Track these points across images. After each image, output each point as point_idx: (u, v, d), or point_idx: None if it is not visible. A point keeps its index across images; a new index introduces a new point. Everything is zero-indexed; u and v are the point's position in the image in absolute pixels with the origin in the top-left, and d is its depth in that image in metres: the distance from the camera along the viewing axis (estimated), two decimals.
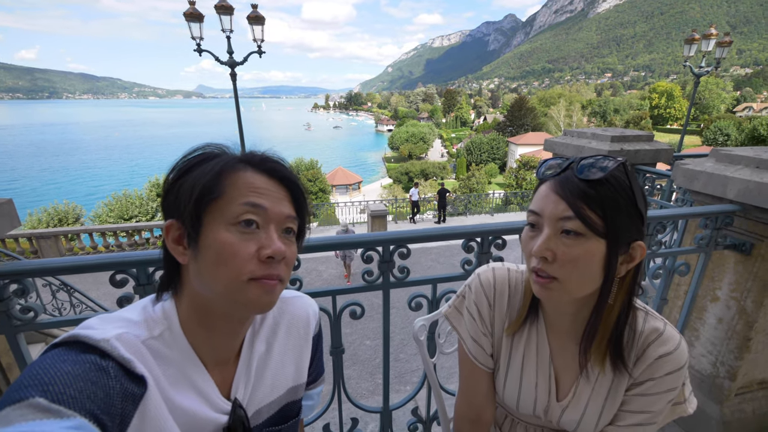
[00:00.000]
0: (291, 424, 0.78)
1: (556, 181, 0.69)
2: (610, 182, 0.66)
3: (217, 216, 0.59)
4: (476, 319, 0.90)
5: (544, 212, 0.69)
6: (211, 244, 0.58)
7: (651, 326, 0.77)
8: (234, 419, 0.66)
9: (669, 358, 0.75)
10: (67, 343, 0.53)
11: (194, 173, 0.60)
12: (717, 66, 11.90)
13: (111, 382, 0.51)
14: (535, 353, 0.87)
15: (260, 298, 0.60)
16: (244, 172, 0.62)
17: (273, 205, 0.62)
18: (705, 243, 1.71)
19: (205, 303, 0.62)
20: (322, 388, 0.90)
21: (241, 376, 0.69)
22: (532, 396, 0.87)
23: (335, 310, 1.33)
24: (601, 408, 0.82)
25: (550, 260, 0.68)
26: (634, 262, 0.71)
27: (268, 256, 0.60)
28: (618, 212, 0.66)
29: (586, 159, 0.69)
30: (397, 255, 1.30)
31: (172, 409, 0.59)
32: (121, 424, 0.51)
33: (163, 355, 0.60)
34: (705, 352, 2.02)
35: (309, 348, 0.81)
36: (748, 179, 1.59)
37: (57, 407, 0.44)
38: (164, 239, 0.62)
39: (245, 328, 0.70)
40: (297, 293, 0.84)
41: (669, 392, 0.76)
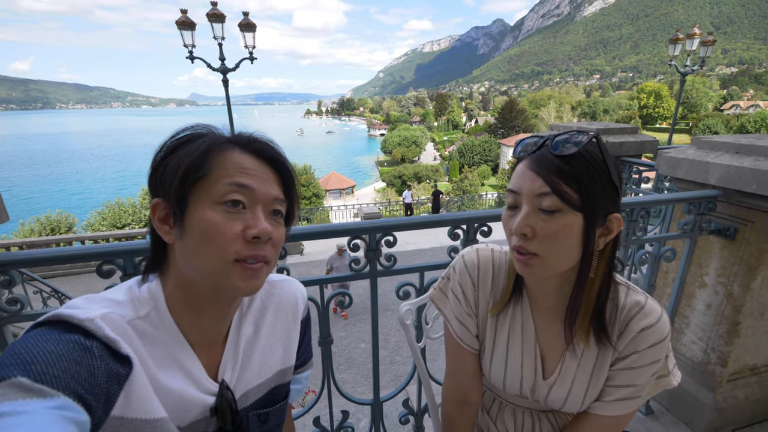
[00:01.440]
0: (279, 407, 0.77)
1: (532, 158, 0.70)
2: (584, 156, 0.67)
3: (203, 195, 0.58)
4: (461, 299, 0.90)
5: (522, 190, 0.70)
6: (197, 223, 0.58)
7: (633, 300, 0.78)
8: (221, 401, 0.65)
9: (651, 331, 0.76)
10: (50, 323, 0.52)
11: (181, 152, 0.59)
12: (702, 65, 12.13)
13: (95, 361, 0.50)
14: (520, 332, 0.87)
15: (245, 282, 0.60)
16: (232, 152, 0.61)
17: (260, 185, 0.61)
18: (690, 228, 1.73)
19: (191, 283, 0.61)
20: (310, 373, 0.90)
21: (229, 358, 0.68)
22: (518, 375, 0.88)
23: (323, 299, 1.33)
24: (587, 384, 0.82)
25: (530, 236, 0.69)
26: (612, 234, 0.72)
27: (253, 236, 0.59)
28: (593, 185, 0.67)
29: (560, 135, 0.70)
30: (383, 243, 1.30)
31: (158, 389, 0.58)
32: (106, 404, 0.51)
33: (149, 336, 0.59)
34: (695, 338, 2.04)
35: (297, 331, 0.81)
36: (728, 164, 1.62)
37: (40, 387, 0.43)
38: (150, 218, 0.62)
39: (232, 309, 0.69)
40: (285, 277, 0.83)
41: (653, 365, 0.77)
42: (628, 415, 0.83)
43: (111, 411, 0.52)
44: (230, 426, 0.67)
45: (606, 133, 3.07)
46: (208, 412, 0.65)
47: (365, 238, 1.28)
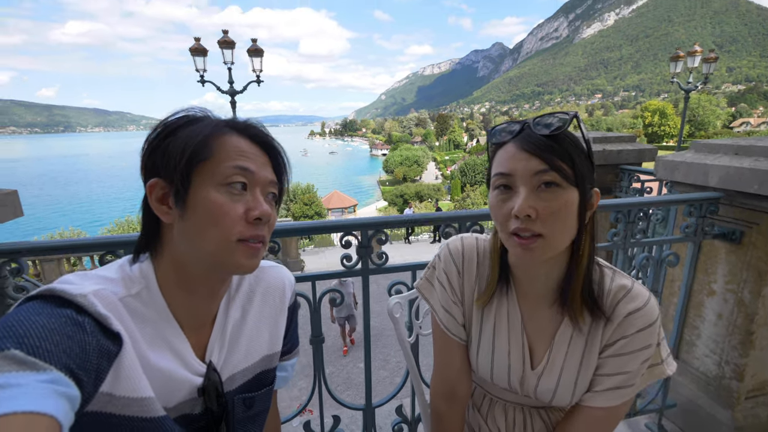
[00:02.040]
0: (264, 393, 0.77)
1: (521, 140, 0.70)
2: (567, 134, 0.69)
3: (206, 177, 0.60)
4: (446, 287, 0.89)
5: (516, 171, 0.69)
6: (201, 203, 0.59)
7: (618, 284, 0.77)
8: (208, 382, 0.66)
9: (639, 314, 0.74)
10: (42, 297, 0.51)
11: (182, 134, 0.61)
12: (706, 81, 12.25)
13: (87, 337, 0.50)
14: (506, 321, 0.85)
15: (245, 260, 0.62)
16: (230, 136, 0.63)
17: (258, 169, 0.64)
18: (692, 232, 1.69)
19: (186, 263, 0.62)
20: (296, 361, 0.90)
21: (216, 340, 0.69)
22: (505, 364, 0.85)
23: (315, 296, 1.31)
24: (576, 374, 0.79)
25: (533, 217, 0.67)
26: (593, 208, 0.73)
27: (255, 218, 0.62)
28: (581, 161, 0.69)
29: (541, 117, 0.71)
30: (375, 241, 1.28)
31: (146, 367, 0.58)
32: (95, 380, 0.51)
33: (139, 314, 0.60)
34: (708, 351, 1.96)
35: (284, 317, 0.81)
36: (728, 165, 1.60)
37: (33, 360, 0.43)
38: (146, 198, 0.62)
39: (223, 290, 0.70)
40: (273, 263, 0.84)
41: (643, 350, 0.75)
42: (620, 408, 0.79)
43: (100, 387, 0.52)
44: (216, 407, 0.68)
45: (603, 141, 3.07)
46: (195, 392, 0.65)
47: (357, 234, 1.27)
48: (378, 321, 6.25)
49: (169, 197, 0.61)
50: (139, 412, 0.56)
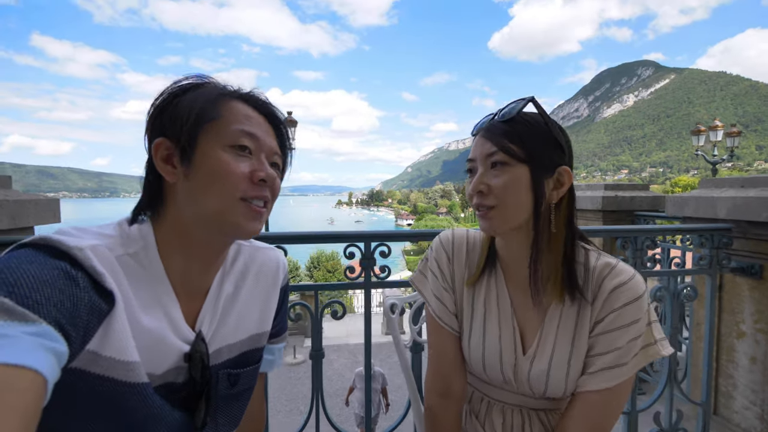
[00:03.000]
0: (249, 371, 0.75)
1: (483, 128, 0.80)
2: (525, 118, 0.77)
3: (212, 137, 0.61)
4: (437, 275, 0.92)
5: (476, 155, 0.79)
6: (207, 162, 0.60)
7: (603, 262, 0.80)
8: (195, 350, 0.64)
9: (624, 288, 0.75)
10: (37, 245, 0.50)
11: (190, 95, 0.62)
12: (732, 155, 12.19)
13: (79, 292, 0.48)
14: (496, 305, 0.87)
15: (248, 222, 0.63)
16: (237, 103, 0.65)
17: (264, 136, 0.66)
18: (707, 264, 1.65)
19: (188, 225, 0.62)
20: (283, 346, 0.89)
21: (207, 311, 0.68)
22: (497, 350, 0.84)
23: (317, 306, 1.32)
24: (568, 353, 0.79)
25: (486, 193, 0.76)
26: (564, 187, 0.77)
27: (260, 179, 0.63)
28: (535, 140, 0.76)
29: (504, 106, 0.80)
30: (378, 254, 1.34)
31: (136, 329, 0.56)
32: (83, 337, 0.49)
33: (135, 274, 0.58)
34: (747, 403, 1.77)
35: (276, 297, 0.81)
36: (734, 196, 1.61)
37: (22, 310, 0.42)
38: (151, 158, 0.62)
39: (220, 261, 0.70)
40: (268, 245, 0.85)
41: (632, 325, 0.74)
42: (617, 393, 0.76)
43: (87, 345, 0.50)
44: (199, 378, 0.65)
45: (616, 188, 3.09)
46: (181, 360, 0.63)
47: (360, 246, 1.33)
48: (399, 395, 5.82)
49: (174, 157, 0.61)
50: (122, 375, 0.54)
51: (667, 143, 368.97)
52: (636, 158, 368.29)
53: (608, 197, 2.97)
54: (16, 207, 1.43)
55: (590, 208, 3.16)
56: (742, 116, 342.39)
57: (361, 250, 1.33)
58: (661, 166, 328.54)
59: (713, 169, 12.30)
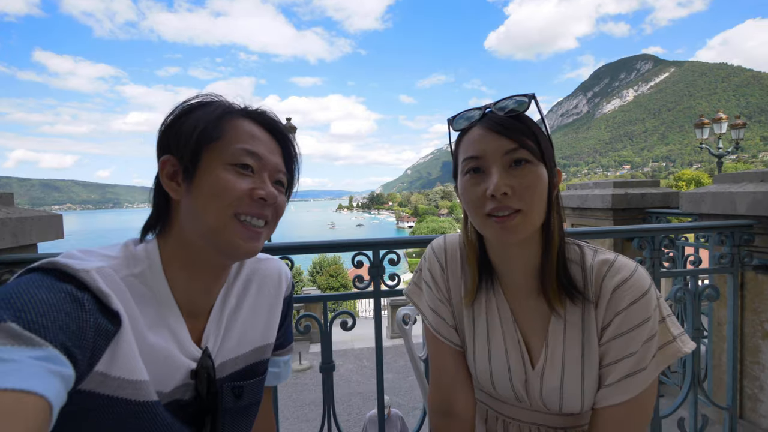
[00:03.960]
0: (254, 383, 0.74)
1: (486, 122, 0.71)
2: (526, 115, 0.72)
3: (215, 156, 0.61)
4: (432, 287, 0.86)
5: (487, 152, 0.69)
6: (208, 179, 0.60)
7: (600, 259, 0.74)
8: (201, 367, 0.64)
9: (627, 285, 0.69)
10: (44, 269, 0.51)
11: (196, 114, 0.63)
12: (737, 147, 12.06)
13: (85, 314, 0.49)
14: (498, 317, 0.80)
15: (243, 241, 0.62)
16: (243, 121, 0.65)
17: (268, 154, 0.65)
18: (728, 263, 1.59)
19: (190, 242, 0.63)
20: (289, 359, 0.87)
21: (212, 327, 0.68)
22: (504, 364, 0.78)
23: (326, 318, 1.28)
24: (580, 366, 0.72)
25: (509, 194, 0.68)
26: (557, 187, 0.74)
27: (260, 197, 0.62)
28: (543, 137, 0.71)
29: (500, 101, 0.73)
30: (387, 261, 1.29)
31: (143, 348, 0.57)
32: (91, 359, 0.49)
33: (140, 294, 0.59)
34: None
35: (280, 308, 0.80)
36: (754, 191, 1.55)
37: (29, 335, 0.42)
38: (158, 175, 0.64)
39: (222, 279, 0.70)
40: (270, 256, 0.85)
41: (643, 325, 0.68)
42: (642, 402, 0.70)
43: (95, 366, 0.50)
44: (205, 393, 0.65)
45: (624, 185, 3.02)
46: (188, 377, 0.63)
47: (368, 254, 1.28)
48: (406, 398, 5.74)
49: (179, 174, 0.62)
50: (132, 395, 0.54)
51: (669, 137, 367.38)
52: (638, 153, 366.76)
53: (618, 195, 2.90)
54: (18, 224, 1.40)
55: (600, 206, 3.08)
56: (745, 107, 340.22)
57: (369, 259, 1.28)
58: (663, 161, 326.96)
59: (719, 162, 12.17)
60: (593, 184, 3.27)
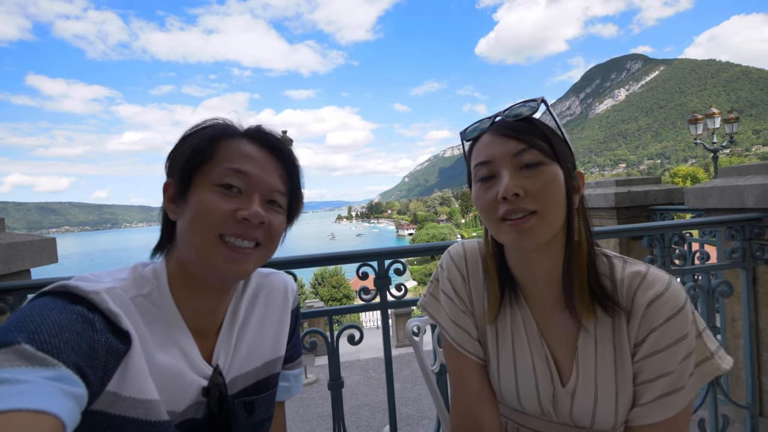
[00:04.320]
0: (265, 397, 0.74)
1: (495, 128, 0.70)
2: (538, 120, 0.70)
3: (205, 178, 0.62)
4: (453, 298, 0.81)
5: (496, 156, 0.67)
6: (195, 201, 0.61)
7: (631, 271, 0.70)
8: (212, 383, 0.64)
9: (662, 301, 0.65)
10: (56, 293, 0.52)
11: (193, 137, 0.65)
12: (732, 141, 12.13)
13: (96, 335, 0.50)
14: (524, 331, 0.76)
15: (228, 263, 0.60)
16: (239, 141, 0.65)
17: (260, 173, 0.63)
18: (740, 257, 1.55)
19: (187, 264, 0.63)
20: (300, 372, 0.86)
21: (222, 344, 0.68)
22: (532, 382, 0.74)
23: (332, 332, 1.23)
24: (614, 385, 0.68)
25: (522, 196, 0.65)
26: (581, 191, 0.71)
27: (243, 218, 0.60)
28: (556, 138, 0.69)
29: (510, 107, 0.71)
30: (393, 271, 1.25)
31: (154, 367, 0.57)
32: (102, 378, 0.50)
33: (150, 313, 0.59)
34: None
35: (288, 321, 0.80)
36: (762, 183, 1.52)
37: (42, 356, 0.43)
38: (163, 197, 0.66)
39: (227, 298, 0.70)
40: (274, 270, 0.84)
41: (680, 342, 0.64)
42: (678, 422, 0.66)
43: (107, 386, 0.51)
44: (217, 411, 0.65)
45: (627, 183, 3.00)
46: (201, 394, 0.63)
47: (374, 265, 1.24)
48: (414, 408, 5.65)
49: (177, 197, 0.63)
50: (143, 414, 0.54)
51: (662, 134, 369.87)
52: (633, 151, 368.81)
53: (621, 193, 2.87)
54: (9, 251, 1.36)
55: (603, 205, 3.05)
56: (735, 102, 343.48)
57: (374, 270, 1.25)
58: (658, 158, 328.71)
59: (714, 156, 12.21)
60: (595, 183, 3.26)
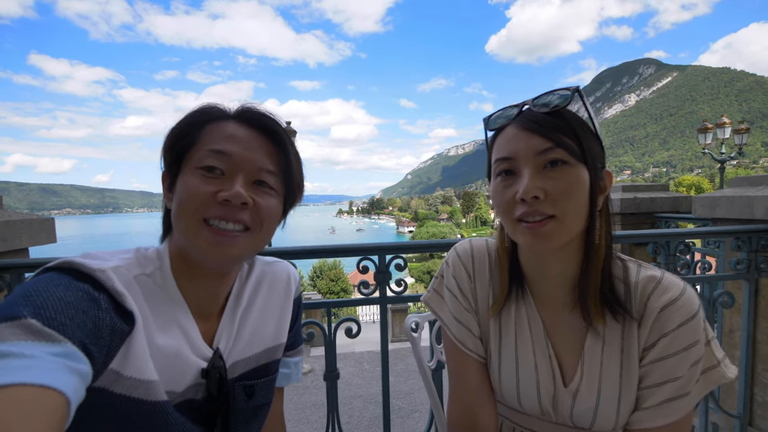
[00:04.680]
0: (265, 381, 0.75)
1: (521, 120, 0.65)
2: (569, 111, 0.65)
3: (189, 163, 0.61)
4: (457, 295, 0.80)
5: (519, 153, 0.64)
6: (180, 186, 0.61)
7: (646, 275, 0.68)
8: (212, 366, 0.64)
9: (676, 306, 0.64)
10: (61, 268, 0.51)
11: (179, 125, 0.64)
12: (740, 152, 12.03)
13: (101, 313, 0.50)
14: (528, 330, 0.75)
15: (211, 246, 0.59)
16: (224, 123, 0.63)
17: (244, 153, 0.61)
18: (744, 268, 1.54)
19: (182, 248, 0.64)
20: (299, 360, 0.87)
21: (224, 328, 0.69)
22: (533, 381, 0.73)
23: (330, 325, 1.23)
24: (617, 388, 0.67)
25: (542, 198, 0.61)
26: (607, 191, 0.69)
27: (224, 199, 0.59)
28: (587, 136, 0.64)
29: (540, 96, 0.67)
30: (393, 267, 1.25)
31: (154, 347, 0.57)
32: (106, 357, 0.50)
33: (152, 293, 0.60)
34: None
35: (290, 309, 0.81)
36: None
37: (48, 331, 0.43)
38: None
39: (227, 283, 0.70)
40: (277, 259, 0.84)
41: (691, 349, 0.63)
42: (680, 426, 0.65)
43: (109, 364, 0.51)
44: (216, 393, 0.66)
45: (634, 190, 2.98)
46: (200, 376, 0.63)
47: (374, 259, 1.24)
48: (406, 401, 5.69)
49: (170, 185, 0.64)
50: (143, 394, 0.55)
51: (670, 142, 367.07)
52: (639, 158, 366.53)
53: (627, 199, 2.86)
54: (7, 228, 1.35)
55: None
56: (747, 112, 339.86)
57: (375, 264, 1.24)
58: (664, 166, 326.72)
59: (721, 167, 12.11)
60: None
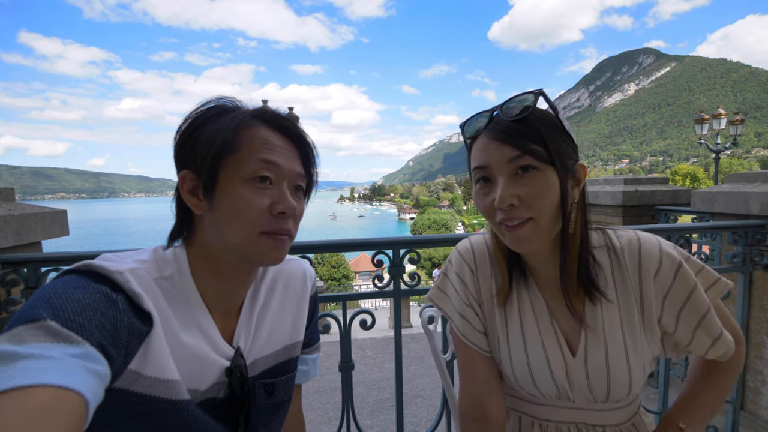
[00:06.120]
0: (285, 380, 0.76)
1: (490, 130, 0.70)
2: (537, 114, 0.68)
3: (232, 170, 0.61)
4: (459, 290, 0.85)
5: (491, 162, 0.68)
6: (227, 197, 0.60)
7: (627, 236, 0.77)
8: (234, 365, 0.66)
9: (665, 255, 0.73)
10: (80, 271, 0.53)
11: (211, 127, 0.62)
12: (735, 143, 12.09)
13: (119, 315, 0.50)
14: (532, 311, 0.80)
15: (271, 252, 0.63)
16: (258, 128, 0.64)
17: (286, 162, 0.64)
18: (740, 261, 1.60)
19: (216, 252, 0.64)
20: (317, 357, 0.89)
21: (243, 326, 0.70)
22: (543, 357, 0.78)
23: (345, 317, 1.28)
24: (623, 345, 0.74)
25: (517, 204, 0.67)
26: (581, 183, 0.72)
27: (280, 212, 0.62)
28: (554, 137, 0.68)
29: (507, 102, 0.71)
30: (407, 260, 1.29)
31: (177, 347, 0.58)
32: (125, 357, 0.51)
33: (171, 295, 0.60)
34: None
35: (306, 306, 0.82)
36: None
37: (68, 332, 0.44)
38: (178, 188, 0.64)
39: (251, 278, 0.71)
40: (293, 256, 0.86)
41: (696, 288, 0.72)
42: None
43: (128, 365, 0.52)
44: (239, 391, 0.67)
45: (635, 182, 3.03)
46: (223, 375, 0.65)
47: (389, 253, 1.28)
48: (408, 387, 5.81)
49: (199, 190, 0.62)
50: (164, 393, 0.56)
51: (667, 132, 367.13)
52: (637, 147, 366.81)
53: (628, 192, 2.91)
54: (21, 222, 1.37)
55: (610, 203, 3.10)
56: (741, 103, 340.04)
57: (389, 258, 1.29)
58: (661, 155, 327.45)
59: (716, 157, 12.20)
60: (603, 180, 3.28)
